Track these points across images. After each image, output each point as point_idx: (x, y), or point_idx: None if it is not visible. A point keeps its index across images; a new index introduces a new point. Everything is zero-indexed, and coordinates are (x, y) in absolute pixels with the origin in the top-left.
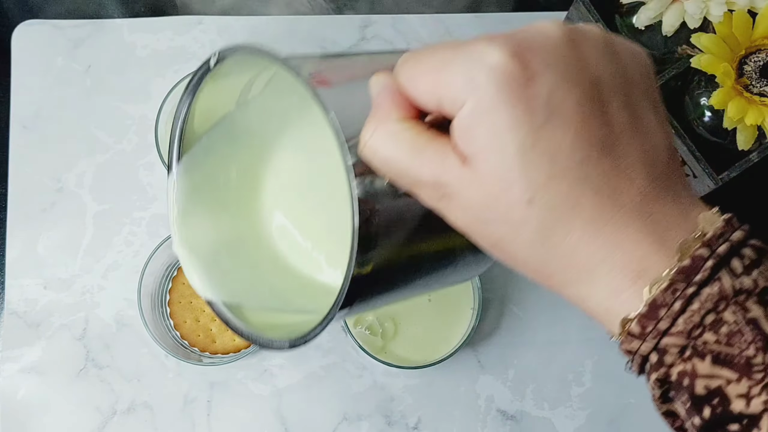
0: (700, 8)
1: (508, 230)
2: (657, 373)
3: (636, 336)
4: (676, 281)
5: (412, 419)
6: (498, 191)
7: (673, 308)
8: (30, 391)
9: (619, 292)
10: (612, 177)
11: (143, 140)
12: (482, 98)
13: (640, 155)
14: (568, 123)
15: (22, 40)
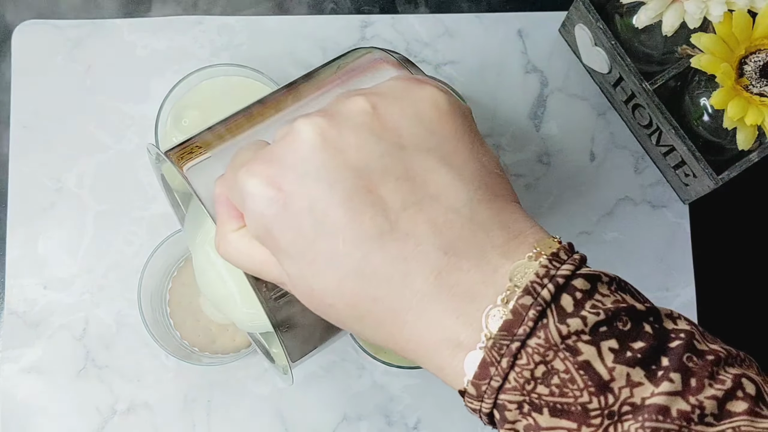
0: (700, 8)
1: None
2: (504, 429)
3: (474, 397)
4: (500, 338)
5: (411, 419)
6: (307, 294)
7: (501, 365)
8: (30, 391)
9: (444, 369)
10: (399, 263)
11: (143, 140)
12: (254, 223)
13: (428, 228)
14: (337, 229)
15: (22, 40)
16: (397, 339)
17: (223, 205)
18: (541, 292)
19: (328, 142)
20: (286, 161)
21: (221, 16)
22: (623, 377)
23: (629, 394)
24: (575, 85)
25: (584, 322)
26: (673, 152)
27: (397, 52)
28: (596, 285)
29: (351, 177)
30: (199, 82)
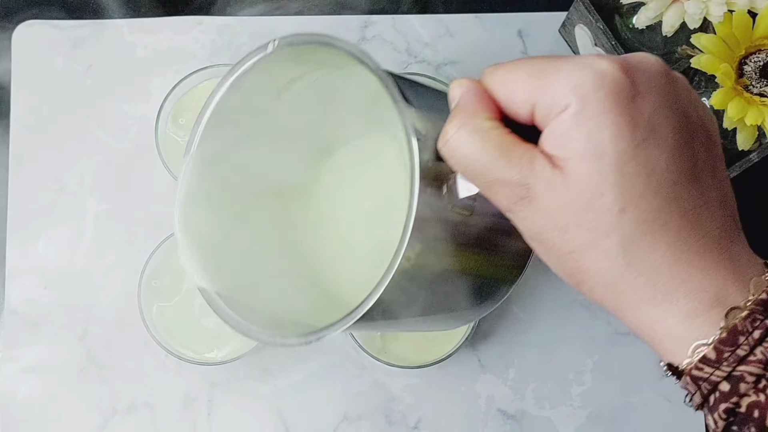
0: (700, 8)
1: (590, 238)
2: (727, 403)
3: (711, 362)
4: (756, 311)
5: (412, 419)
6: (588, 197)
7: (753, 336)
8: (30, 391)
9: (694, 316)
10: (697, 206)
11: (143, 140)
12: (589, 102)
13: (717, 195)
14: (665, 145)
15: (22, 40)
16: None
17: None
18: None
19: (670, 76)
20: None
21: (221, 17)
22: None
23: None
24: None
25: None
26: None
27: None
28: None
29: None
30: (200, 83)
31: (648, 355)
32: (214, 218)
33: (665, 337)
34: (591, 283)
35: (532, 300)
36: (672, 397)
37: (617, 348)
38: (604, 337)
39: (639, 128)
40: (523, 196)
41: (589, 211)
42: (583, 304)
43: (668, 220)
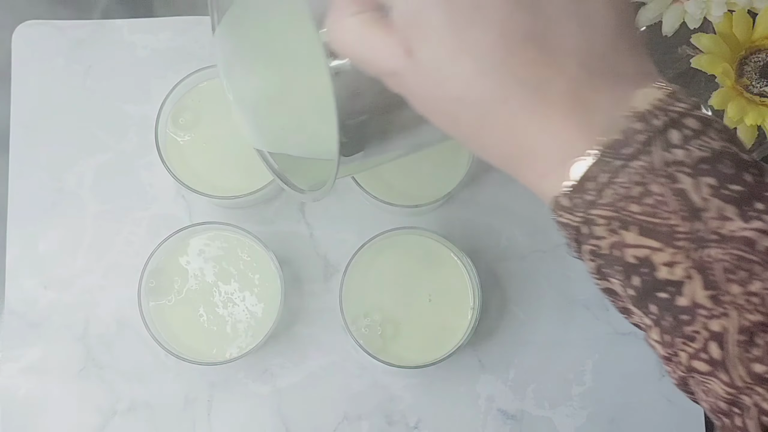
0: (700, 8)
1: (448, 120)
2: (588, 245)
3: (566, 210)
4: (605, 155)
5: (412, 419)
6: (433, 86)
7: (599, 180)
8: (30, 391)
9: (546, 175)
10: (540, 68)
11: (143, 140)
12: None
13: (575, 42)
14: (492, 21)
15: (22, 40)
16: (507, 144)
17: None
18: (653, 121)
19: None
20: None
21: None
22: (715, 209)
23: (718, 225)
24: None
25: (689, 155)
26: None
27: None
28: (708, 128)
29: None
30: (200, 83)
31: (648, 355)
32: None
33: (536, 192)
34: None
35: (532, 300)
36: (672, 397)
37: (617, 348)
38: (604, 337)
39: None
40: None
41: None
42: (583, 304)
43: (506, 94)
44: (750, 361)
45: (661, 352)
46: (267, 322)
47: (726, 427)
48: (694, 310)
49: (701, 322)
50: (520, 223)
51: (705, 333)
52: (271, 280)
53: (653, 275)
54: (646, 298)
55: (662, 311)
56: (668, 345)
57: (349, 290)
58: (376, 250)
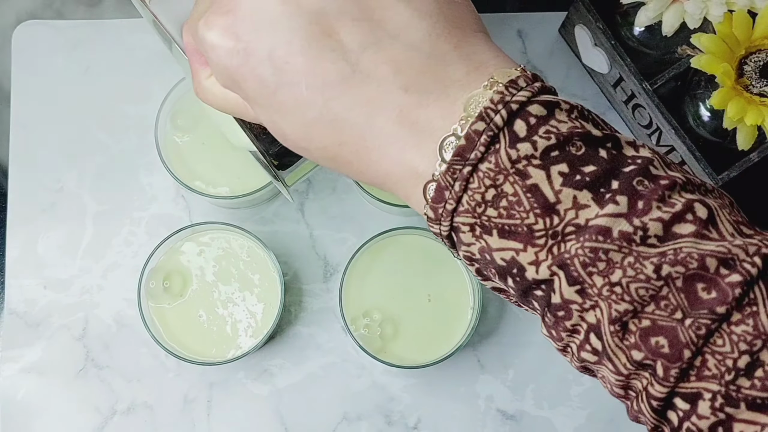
0: (700, 8)
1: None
2: (461, 251)
3: (433, 221)
4: (454, 163)
5: (411, 419)
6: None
7: (455, 189)
8: (30, 391)
9: (410, 198)
10: (361, 106)
11: (143, 140)
12: (220, 74)
13: (388, 68)
14: (299, 77)
15: (22, 40)
16: (366, 176)
17: (193, 53)
18: (494, 117)
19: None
20: (241, 10)
21: None
22: (570, 199)
23: (574, 215)
24: (575, 85)
25: (534, 146)
26: (673, 152)
27: None
28: (553, 111)
29: (307, 22)
30: None
31: None
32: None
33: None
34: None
35: None
36: None
37: None
38: None
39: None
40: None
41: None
42: None
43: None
44: (628, 349)
45: (554, 344)
46: (267, 322)
47: (631, 409)
48: (567, 305)
49: (577, 316)
50: None
51: (584, 325)
52: (271, 280)
53: (523, 275)
54: (526, 295)
55: (542, 308)
56: (557, 339)
57: (349, 290)
58: (376, 250)
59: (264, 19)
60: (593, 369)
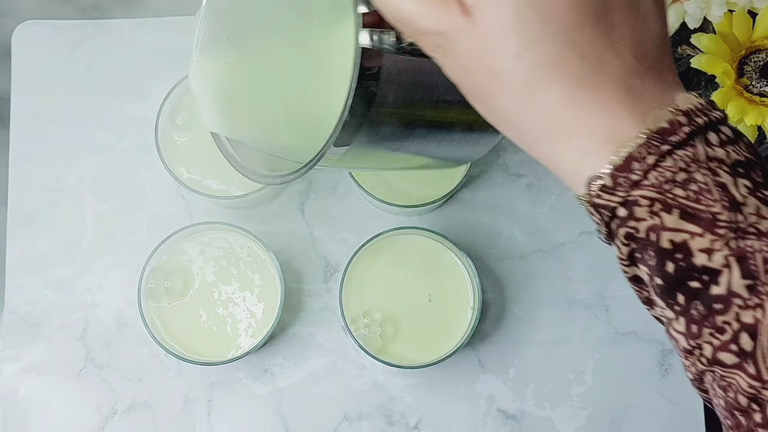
0: (701, 8)
1: (494, 83)
2: (625, 228)
3: (608, 189)
4: (652, 139)
5: (412, 419)
6: (490, 43)
7: (647, 161)
8: (30, 391)
9: (589, 152)
10: (599, 47)
11: (143, 140)
12: None
13: (631, 33)
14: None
15: (22, 40)
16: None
17: None
18: (696, 119)
19: None
20: None
21: None
22: (754, 207)
23: (756, 220)
24: None
25: (728, 155)
26: None
27: None
28: (739, 139)
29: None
30: None
31: (648, 355)
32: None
33: (567, 173)
34: (503, 125)
35: (532, 300)
36: (672, 397)
37: (617, 348)
38: (604, 337)
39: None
40: (441, 44)
41: (491, 57)
42: (583, 304)
43: (564, 63)
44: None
45: (684, 344)
46: (267, 322)
47: (740, 426)
48: (729, 299)
49: (734, 312)
50: (520, 223)
51: (736, 324)
52: (271, 280)
53: (689, 261)
54: (675, 287)
55: (691, 301)
56: (693, 336)
57: (349, 290)
58: (376, 250)
59: None
60: (713, 376)
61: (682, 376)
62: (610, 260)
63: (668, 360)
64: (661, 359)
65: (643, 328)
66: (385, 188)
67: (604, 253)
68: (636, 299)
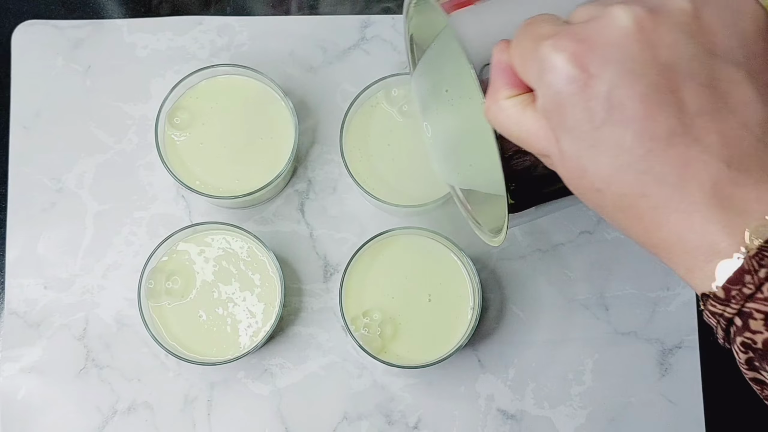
0: None
1: (593, 204)
2: (742, 337)
3: (720, 301)
4: (763, 250)
5: (412, 419)
6: (576, 175)
7: (759, 275)
8: (30, 391)
9: (693, 271)
10: (679, 166)
11: (143, 140)
12: (547, 96)
13: (718, 138)
14: (629, 119)
15: (22, 40)
16: (651, 236)
17: (501, 71)
18: None
19: (643, 33)
20: (596, 43)
21: (221, 17)
22: None
23: None
24: None
25: None
26: None
27: None
28: None
29: (656, 73)
30: (199, 82)
31: (648, 355)
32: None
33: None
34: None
35: (532, 300)
36: (672, 397)
37: (617, 348)
38: (604, 337)
39: (595, 113)
40: (549, 162)
41: (581, 187)
42: (583, 303)
43: (645, 191)
44: None
45: None
46: (267, 322)
47: None
48: None
49: None
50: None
51: None
52: (271, 280)
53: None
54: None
55: None
56: None
57: (349, 290)
58: (376, 250)
59: (617, 58)
60: None
61: (681, 376)
62: (609, 260)
63: (668, 360)
64: (661, 359)
65: (643, 327)
66: (385, 188)
67: (604, 253)
68: (636, 299)
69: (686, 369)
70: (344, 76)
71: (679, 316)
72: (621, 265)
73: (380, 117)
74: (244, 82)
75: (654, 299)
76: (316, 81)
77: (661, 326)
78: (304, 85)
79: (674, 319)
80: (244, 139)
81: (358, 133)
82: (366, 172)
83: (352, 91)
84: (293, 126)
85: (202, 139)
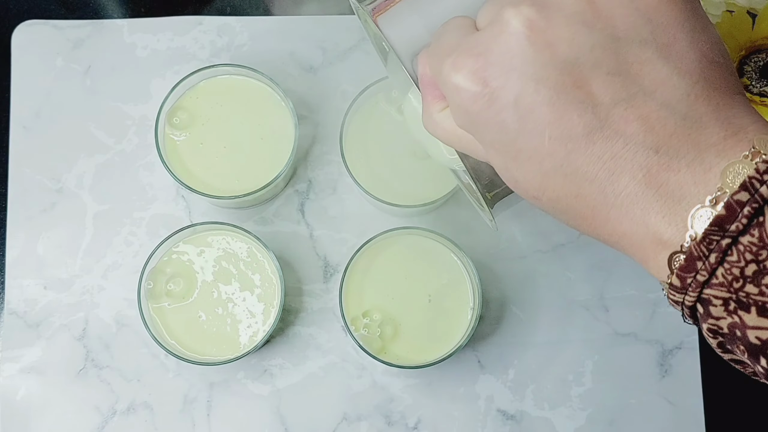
0: None
1: (540, 208)
2: (707, 324)
3: (678, 290)
4: (710, 233)
5: (411, 419)
6: (513, 185)
7: (709, 260)
8: (30, 391)
9: (647, 262)
10: (605, 162)
11: (143, 140)
12: (459, 116)
13: (639, 125)
14: (542, 125)
15: (22, 40)
16: (599, 232)
17: (427, 86)
18: (759, 188)
19: (536, 34)
20: (492, 55)
21: (221, 17)
22: None
23: None
24: None
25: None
26: None
27: None
28: None
29: (559, 73)
30: (199, 82)
31: (648, 356)
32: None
33: (650, 269)
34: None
35: (531, 301)
36: (672, 398)
37: (617, 348)
38: (603, 338)
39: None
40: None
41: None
42: (583, 304)
43: (579, 192)
44: None
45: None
46: (267, 322)
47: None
48: None
49: None
50: (520, 223)
51: None
52: (270, 280)
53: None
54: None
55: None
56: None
57: (349, 290)
58: (376, 250)
59: (515, 66)
60: None
61: (681, 377)
62: (609, 261)
63: (668, 361)
64: (661, 360)
65: (643, 328)
66: (385, 188)
67: (604, 254)
68: (636, 300)
69: (686, 370)
70: (344, 77)
71: (679, 318)
72: (621, 267)
73: (380, 117)
74: (244, 82)
75: (654, 300)
76: (316, 81)
77: (661, 327)
78: (304, 85)
79: (674, 320)
80: (244, 139)
81: (358, 133)
82: (366, 172)
83: (352, 92)
84: (293, 126)
85: (202, 139)
